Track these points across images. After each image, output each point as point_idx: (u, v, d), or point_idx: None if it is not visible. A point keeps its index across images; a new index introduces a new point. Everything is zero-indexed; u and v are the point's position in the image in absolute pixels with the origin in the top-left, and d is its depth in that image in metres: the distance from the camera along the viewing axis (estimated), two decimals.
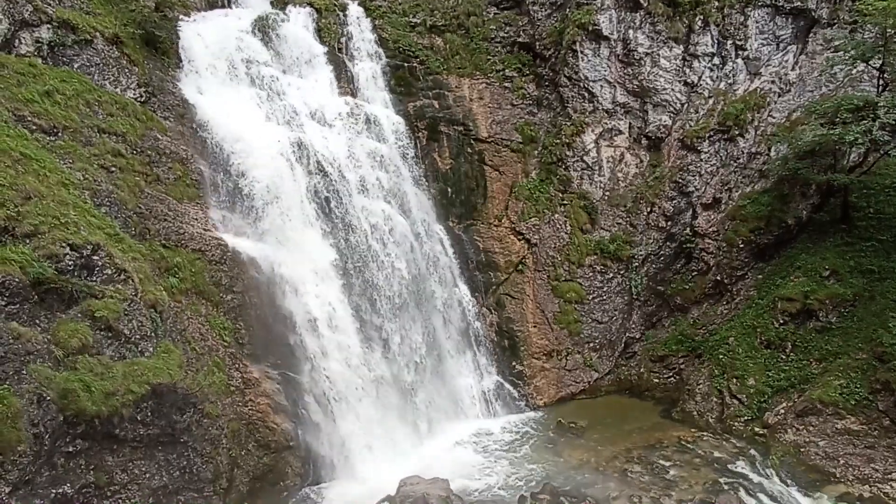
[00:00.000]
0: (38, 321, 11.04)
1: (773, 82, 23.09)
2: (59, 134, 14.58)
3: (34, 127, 14.10)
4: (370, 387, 18.45)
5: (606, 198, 24.24)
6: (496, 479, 17.28)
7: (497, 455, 18.87)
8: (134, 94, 17.32)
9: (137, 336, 12.57)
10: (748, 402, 19.04)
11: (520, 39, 25.62)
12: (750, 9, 22.99)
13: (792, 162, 20.83)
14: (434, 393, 20.74)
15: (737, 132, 22.96)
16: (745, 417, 18.89)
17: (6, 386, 9.79)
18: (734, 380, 19.61)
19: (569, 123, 24.17)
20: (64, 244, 11.79)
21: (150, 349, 12.79)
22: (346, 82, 22.72)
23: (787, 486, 16.31)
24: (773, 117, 22.91)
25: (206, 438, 13.81)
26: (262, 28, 21.09)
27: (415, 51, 24.20)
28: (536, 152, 24.87)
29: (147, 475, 12.37)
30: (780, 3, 22.75)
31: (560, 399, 22.84)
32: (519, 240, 24.02)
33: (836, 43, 21.27)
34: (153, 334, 13.00)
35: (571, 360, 23.21)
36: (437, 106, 24.12)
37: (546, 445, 19.24)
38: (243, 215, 18.05)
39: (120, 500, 11.75)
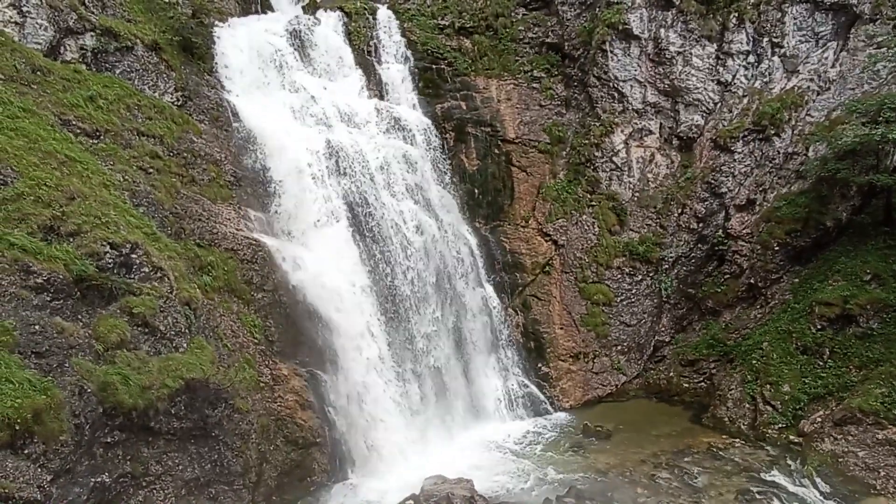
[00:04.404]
0: (80, 316, 11.53)
1: (811, 80, 22.36)
2: (102, 137, 15.21)
3: (78, 130, 14.75)
4: (395, 386, 18.61)
5: (636, 199, 23.88)
6: (520, 481, 17.22)
7: (522, 457, 18.80)
8: (171, 98, 17.93)
9: (172, 332, 12.99)
10: (783, 409, 18.49)
11: (548, 40, 25.48)
12: (787, 5, 22.34)
13: (831, 162, 20.11)
14: (459, 393, 20.78)
15: (772, 132, 22.32)
16: (780, 425, 18.36)
17: (49, 378, 10.25)
18: (768, 386, 19.07)
19: (598, 124, 23.91)
20: (105, 243, 12.29)
21: (184, 345, 13.20)
22: (375, 84, 23.01)
23: (824, 497, 15.78)
24: (812, 116, 22.19)
25: (236, 433, 14.17)
26: (294, 33, 21.55)
27: (443, 53, 24.33)
28: (564, 153, 24.68)
29: (180, 467, 12.76)
30: None
31: (586, 402, 22.61)
32: (546, 241, 23.88)
33: (880, 39, 20.49)
34: (187, 331, 13.42)
35: (598, 363, 22.95)
36: (464, 107, 24.18)
37: (572, 448, 19.07)
38: (274, 215, 18.49)
39: (154, 491, 12.16)
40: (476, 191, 24.00)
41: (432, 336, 20.21)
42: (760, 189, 22.54)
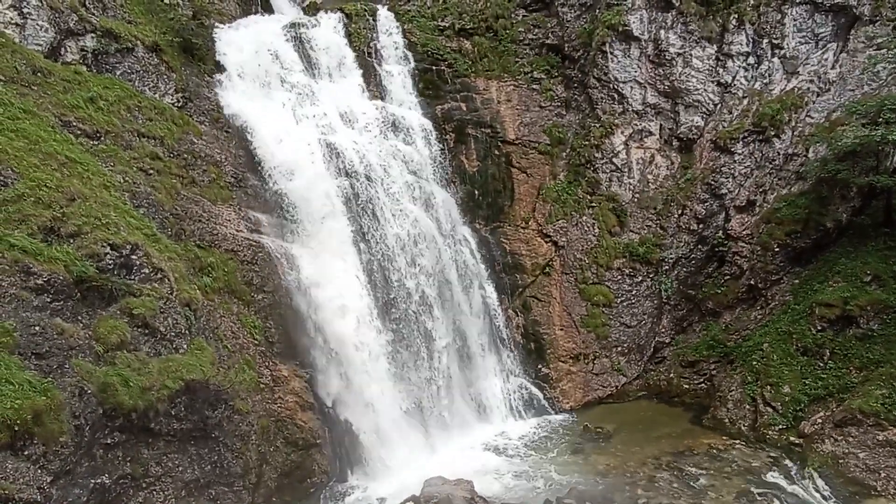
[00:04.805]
0: (80, 318, 11.53)
1: (811, 81, 22.37)
2: (102, 138, 15.22)
3: (79, 132, 14.76)
4: (396, 387, 18.61)
5: (636, 200, 23.88)
6: (521, 483, 17.21)
7: (522, 458, 18.79)
8: (171, 100, 17.95)
9: (172, 333, 12.98)
10: (783, 411, 18.49)
11: (548, 41, 25.50)
12: (787, 6, 22.33)
13: (831, 163, 20.11)
14: (459, 394, 20.79)
15: (772, 133, 22.32)
16: (780, 426, 18.35)
17: (50, 379, 10.25)
18: (768, 387, 19.06)
19: (598, 125, 23.92)
20: (105, 244, 12.29)
21: (184, 346, 13.19)
22: (376, 86, 23.02)
23: (825, 498, 15.77)
24: (812, 117, 22.19)
25: (236, 434, 14.16)
26: (295, 34, 21.56)
27: (443, 54, 24.35)
28: (564, 154, 24.69)
29: (180, 468, 12.76)
30: (820, 1, 22.02)
31: (587, 403, 22.59)
32: (546, 242, 23.88)
33: (880, 40, 20.50)
34: (187, 332, 13.41)
35: (599, 364, 22.93)
36: (464, 108, 24.20)
37: (572, 450, 19.06)
38: (274, 216, 18.49)
39: (154, 492, 12.15)
40: (476, 192, 24.02)
41: (432, 337, 20.19)
42: (760, 190, 22.55)
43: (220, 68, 19.91)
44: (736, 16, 22.60)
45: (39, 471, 9.61)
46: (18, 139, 12.86)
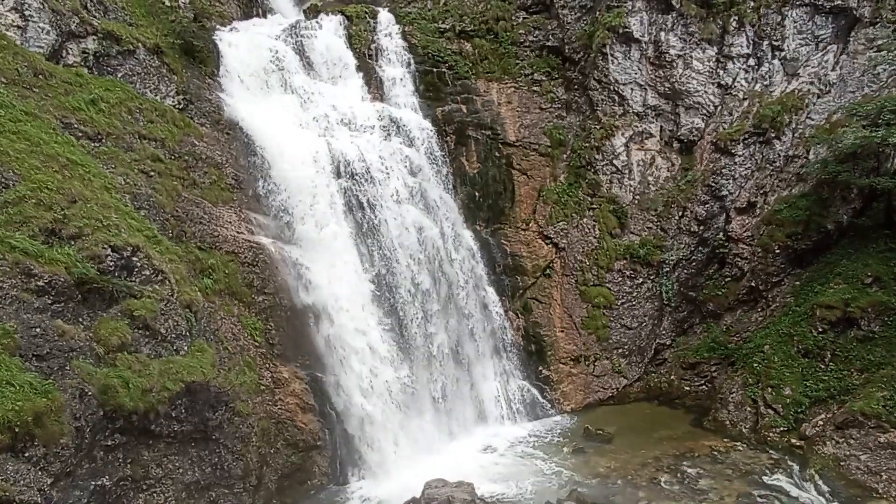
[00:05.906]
0: (81, 319, 11.54)
1: (811, 83, 22.37)
2: (103, 140, 15.25)
3: (80, 134, 14.79)
4: (396, 389, 18.60)
5: (636, 202, 23.88)
6: (521, 485, 17.18)
7: (523, 460, 18.77)
8: (172, 102, 17.98)
9: (173, 335, 13.00)
10: (784, 413, 18.46)
11: (549, 43, 25.53)
12: (787, 8, 22.33)
13: (832, 165, 20.14)
14: (460, 396, 20.78)
15: (773, 134, 22.33)
16: (781, 428, 18.32)
17: (50, 381, 10.26)
18: (769, 389, 19.04)
19: (598, 127, 23.93)
20: (106, 246, 12.30)
21: (185, 348, 13.20)
22: (376, 88, 23.05)
23: (827, 500, 15.74)
24: (812, 119, 22.19)
25: (236, 436, 14.17)
26: (295, 36, 21.61)
27: (443, 56, 24.38)
28: (565, 156, 24.71)
29: (180, 470, 12.77)
30: (820, 3, 22.03)
31: (588, 405, 22.57)
32: (546, 244, 23.88)
33: (880, 42, 20.51)
34: (188, 333, 13.42)
35: (599, 366, 22.92)
36: (465, 110, 24.22)
37: (573, 452, 19.04)
38: (275, 219, 18.51)
39: (154, 494, 12.16)
40: (477, 194, 24.03)
41: (433, 339, 20.20)
42: (761, 192, 22.54)
43: (220, 70, 19.95)
44: (736, 18, 22.62)
45: (40, 472, 9.62)
46: (20, 141, 12.88)
